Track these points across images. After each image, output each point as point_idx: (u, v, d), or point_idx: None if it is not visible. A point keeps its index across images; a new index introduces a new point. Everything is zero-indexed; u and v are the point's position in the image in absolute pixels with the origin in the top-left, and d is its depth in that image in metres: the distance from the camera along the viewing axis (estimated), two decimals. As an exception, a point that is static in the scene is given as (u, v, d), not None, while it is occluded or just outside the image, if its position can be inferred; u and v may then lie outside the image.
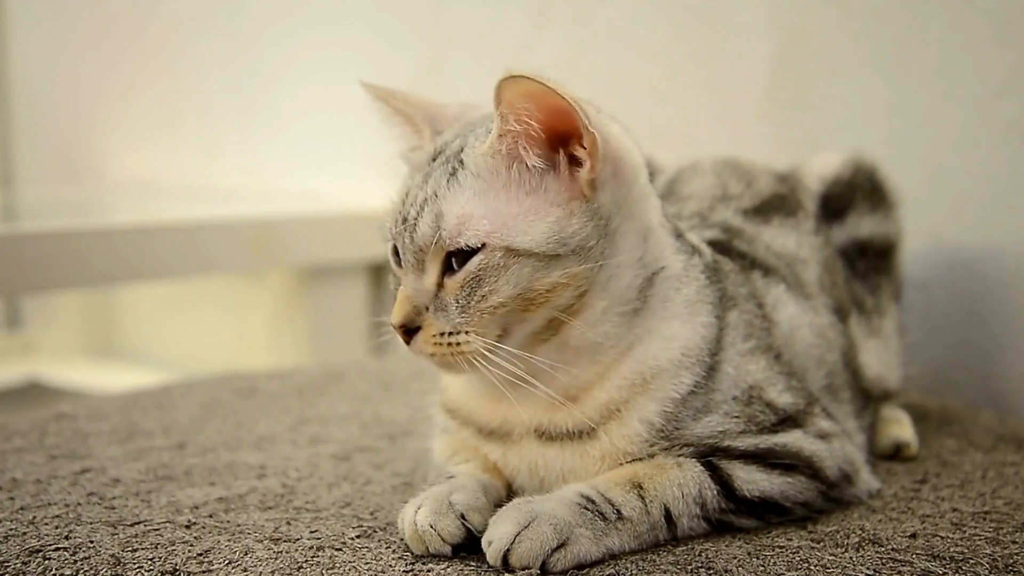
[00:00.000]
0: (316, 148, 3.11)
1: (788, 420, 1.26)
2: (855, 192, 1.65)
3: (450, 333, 1.14)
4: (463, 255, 1.14)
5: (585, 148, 1.14)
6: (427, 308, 1.15)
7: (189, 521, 1.26)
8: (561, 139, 1.14)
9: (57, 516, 1.28)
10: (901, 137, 2.01)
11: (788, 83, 2.17)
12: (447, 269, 1.15)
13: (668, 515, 1.16)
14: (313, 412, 1.82)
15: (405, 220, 1.18)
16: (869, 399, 1.52)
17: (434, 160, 1.21)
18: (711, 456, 1.20)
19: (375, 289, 2.89)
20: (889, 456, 1.52)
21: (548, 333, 1.16)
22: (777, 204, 1.57)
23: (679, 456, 1.19)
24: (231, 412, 1.81)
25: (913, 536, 1.20)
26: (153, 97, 3.52)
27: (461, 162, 1.17)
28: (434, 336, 1.15)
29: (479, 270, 1.13)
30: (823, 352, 1.42)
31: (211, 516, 1.28)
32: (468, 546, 1.14)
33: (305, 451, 1.58)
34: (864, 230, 1.64)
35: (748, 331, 1.28)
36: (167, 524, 1.25)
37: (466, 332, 1.14)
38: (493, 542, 1.08)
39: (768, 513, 1.22)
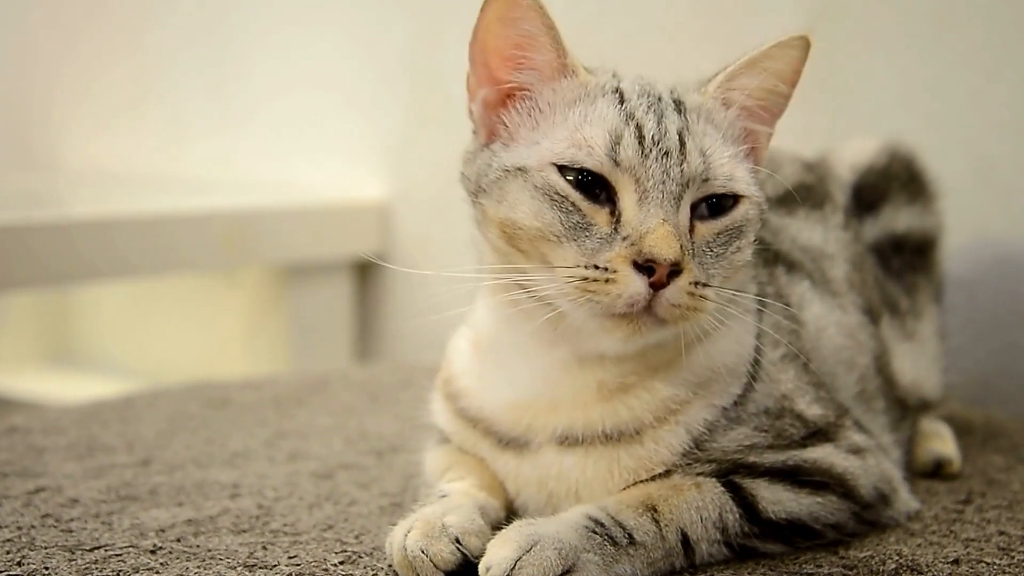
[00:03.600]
0: (295, 133, 3.11)
1: (818, 434, 1.26)
2: (891, 182, 1.65)
3: (703, 284, 1.13)
4: (716, 202, 1.16)
5: (769, 135, 1.23)
6: (688, 251, 1.12)
7: (155, 546, 1.26)
8: (774, 118, 1.23)
9: (8, 540, 1.28)
10: (942, 121, 2.01)
11: (817, 62, 2.17)
12: (693, 213, 1.15)
13: (685, 540, 1.15)
14: (292, 425, 1.82)
15: (661, 145, 1.14)
16: (906, 410, 1.52)
17: (621, 97, 1.19)
18: (733, 474, 1.20)
19: (360, 289, 2.89)
20: (929, 474, 1.52)
21: None
22: (803, 194, 1.57)
23: (698, 475, 1.19)
24: (201, 425, 1.81)
25: (956, 562, 1.20)
26: (115, 78, 3.52)
27: (682, 104, 1.19)
28: (691, 284, 1.11)
29: (744, 220, 1.18)
30: (853, 354, 1.42)
31: (179, 540, 1.28)
32: (463, 573, 1.13)
33: (283, 468, 1.58)
34: (900, 224, 1.64)
35: (778, 336, 1.29)
36: (130, 549, 1.25)
37: (712, 288, 1.14)
38: (491, 568, 1.08)
39: (796, 537, 1.22)
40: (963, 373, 1.71)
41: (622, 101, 1.18)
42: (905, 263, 1.64)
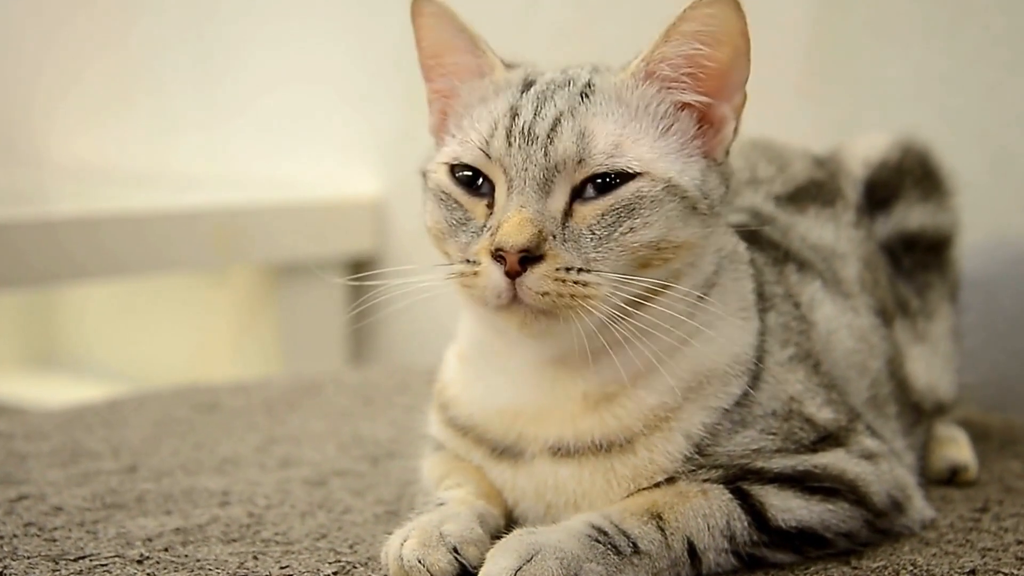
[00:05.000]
0: (287, 128, 3.11)
1: (829, 438, 1.26)
2: (904, 178, 1.65)
3: (579, 270, 1.12)
4: (606, 182, 1.15)
5: (733, 108, 1.21)
6: (553, 236, 1.13)
7: (141, 555, 1.26)
8: (716, 89, 1.20)
9: (-11, 550, 1.28)
10: (958, 114, 2.00)
11: (828, 53, 2.17)
12: (575, 196, 1.15)
13: (692, 549, 1.15)
14: (284, 430, 1.82)
15: (528, 134, 1.15)
16: (920, 414, 1.52)
17: (527, 88, 1.21)
18: (741, 480, 1.20)
19: (354, 289, 2.89)
20: (944, 481, 1.51)
21: (636, 304, 1.16)
22: (814, 191, 1.57)
23: (705, 482, 1.19)
24: (189, 430, 1.81)
25: (972, 572, 1.20)
26: (101, 70, 3.52)
27: (591, 86, 1.20)
28: (558, 271, 1.11)
29: (635, 198, 1.15)
30: (865, 358, 1.42)
31: (167, 550, 1.28)
32: (461, 583, 1.13)
33: (274, 475, 1.58)
34: (913, 221, 1.64)
35: (786, 336, 1.29)
36: (116, 559, 1.25)
37: (596, 272, 1.12)
38: (491, 578, 1.08)
39: (806, 546, 1.22)
40: (980, 376, 1.71)
41: (525, 91, 1.21)
42: (916, 262, 1.64)
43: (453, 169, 1.20)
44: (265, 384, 2.15)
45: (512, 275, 1.11)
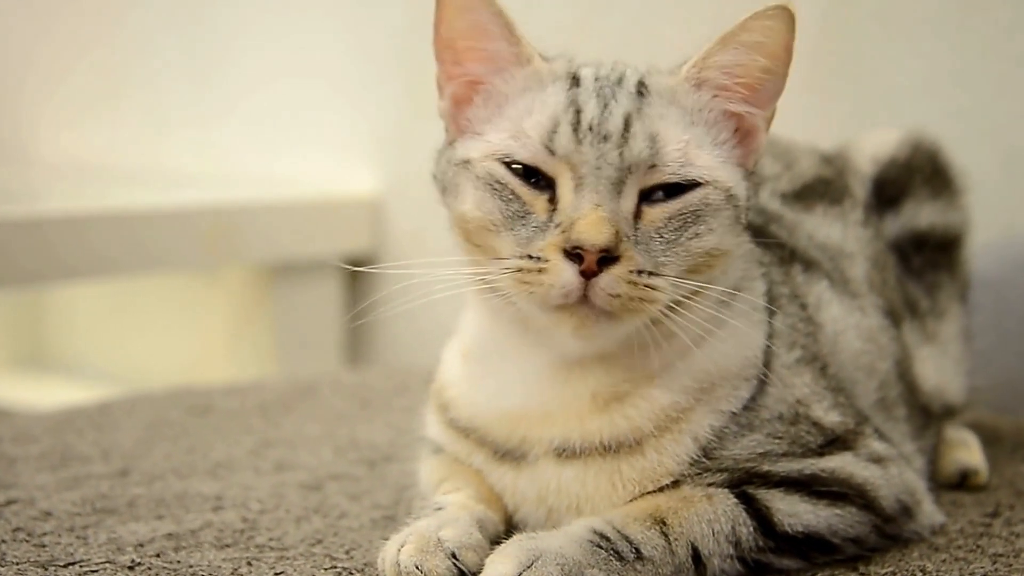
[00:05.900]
0: (282, 124, 3.11)
1: (836, 442, 1.26)
2: (913, 175, 1.65)
3: (649, 273, 1.12)
4: (673, 188, 1.16)
5: (765, 119, 1.22)
6: (627, 237, 1.13)
7: (133, 561, 1.26)
8: (758, 99, 1.21)
9: (-23, 556, 1.28)
10: (968, 111, 2.00)
11: (835, 47, 2.17)
12: (643, 198, 1.15)
13: (696, 555, 1.15)
14: (279, 434, 1.82)
15: (599, 131, 1.15)
16: (929, 417, 1.52)
17: (575, 82, 1.20)
18: (747, 484, 1.20)
19: (351, 289, 2.89)
20: (954, 485, 1.52)
21: (680, 306, 1.16)
22: (821, 189, 1.57)
23: (709, 486, 1.19)
24: (182, 433, 1.81)
25: (983, 579, 1.20)
26: (91, 64, 3.52)
27: (645, 86, 1.20)
28: (631, 272, 1.11)
29: (702, 204, 1.16)
30: (873, 359, 1.42)
31: (158, 555, 1.28)
32: (460, 590, 1.13)
33: (269, 479, 1.58)
34: (923, 220, 1.64)
35: (792, 338, 1.30)
36: (107, 565, 1.25)
37: (664, 276, 1.13)
38: (490, 585, 1.08)
39: (813, 551, 1.22)
40: (990, 377, 1.71)
41: (575, 86, 1.20)
42: (926, 261, 1.64)
43: (509, 163, 1.18)
44: (260, 386, 2.15)
45: (588, 275, 1.11)
